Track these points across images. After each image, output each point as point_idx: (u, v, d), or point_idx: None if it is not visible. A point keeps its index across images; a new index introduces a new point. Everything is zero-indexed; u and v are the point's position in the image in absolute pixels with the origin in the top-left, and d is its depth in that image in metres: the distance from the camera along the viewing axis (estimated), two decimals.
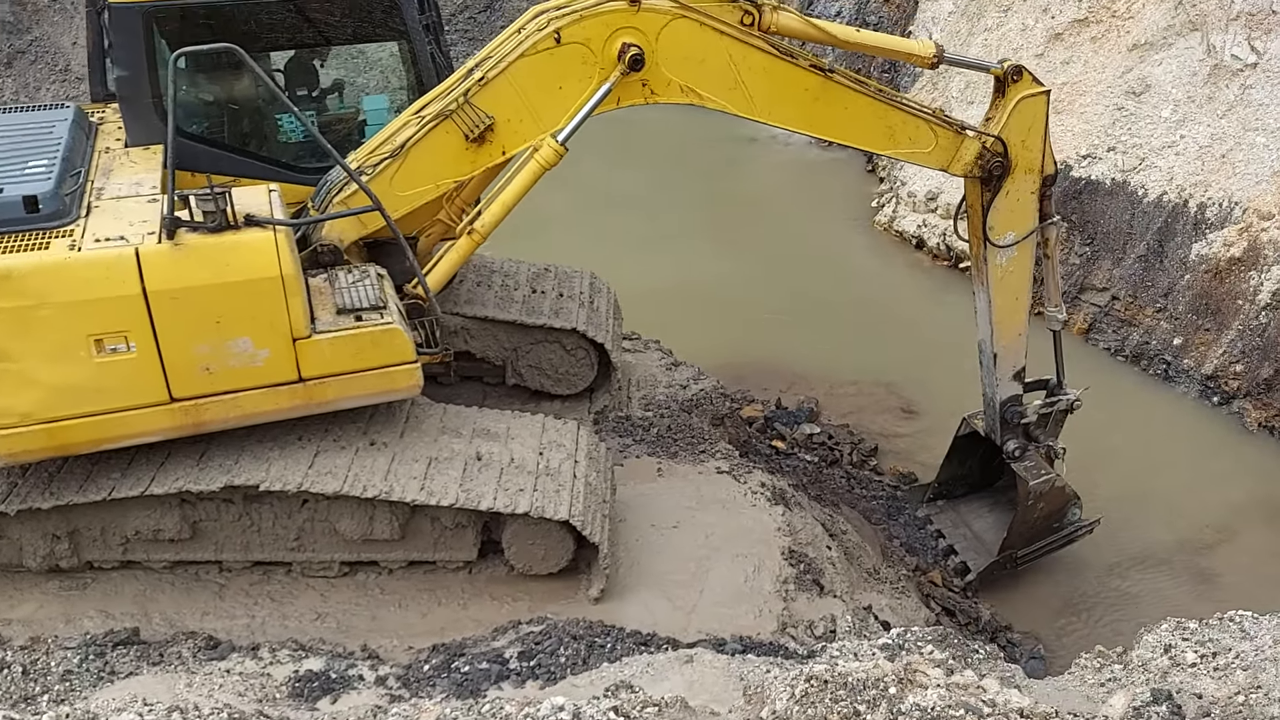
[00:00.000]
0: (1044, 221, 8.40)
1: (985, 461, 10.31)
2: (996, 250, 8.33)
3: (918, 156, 7.91)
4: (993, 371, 8.97)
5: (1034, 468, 9.24)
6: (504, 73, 6.88)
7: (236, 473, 6.63)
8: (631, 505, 8.35)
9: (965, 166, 7.94)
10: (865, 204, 18.82)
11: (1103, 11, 15.59)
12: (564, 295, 9.57)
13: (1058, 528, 9.77)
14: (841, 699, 2.99)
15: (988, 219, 8.20)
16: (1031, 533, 9.61)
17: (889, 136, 7.71)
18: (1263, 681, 3.85)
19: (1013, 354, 8.93)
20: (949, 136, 7.84)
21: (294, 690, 6.09)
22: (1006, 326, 8.76)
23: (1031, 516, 9.38)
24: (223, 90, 7.88)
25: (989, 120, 8.02)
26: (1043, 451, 9.38)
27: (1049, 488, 9.20)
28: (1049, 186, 8.28)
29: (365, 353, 6.62)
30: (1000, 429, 9.22)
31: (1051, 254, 8.72)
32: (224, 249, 6.14)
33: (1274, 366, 12.05)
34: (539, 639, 6.65)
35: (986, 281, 8.52)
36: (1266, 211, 12.50)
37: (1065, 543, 9.94)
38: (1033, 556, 9.89)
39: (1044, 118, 7.97)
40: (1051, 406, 9.30)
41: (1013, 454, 9.27)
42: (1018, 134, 7.90)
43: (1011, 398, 9.09)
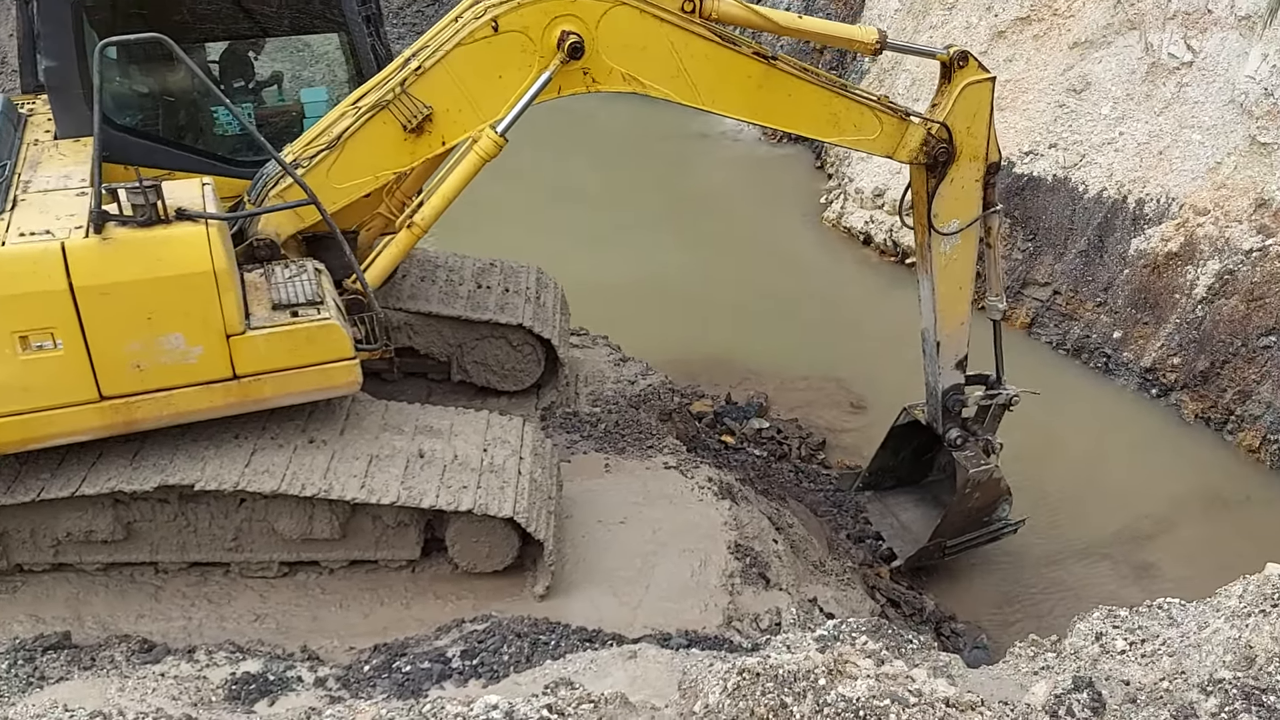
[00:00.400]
0: (987, 210, 8.46)
1: (917, 456, 10.43)
2: (941, 238, 8.38)
3: (863, 143, 7.91)
4: (935, 360, 9.04)
5: (974, 457, 9.33)
6: (441, 62, 6.78)
7: (171, 472, 6.50)
8: (578, 501, 8.32)
9: (910, 153, 7.96)
10: (814, 200, 18.95)
11: (1044, 10, 15.82)
12: (510, 290, 9.49)
13: (987, 522, 9.86)
14: (770, 691, 2.99)
15: (932, 206, 8.24)
16: (963, 522, 9.69)
17: (833, 123, 7.69)
18: (1186, 667, 3.93)
19: (955, 343, 9.01)
20: (894, 123, 7.85)
21: (230, 693, 5.98)
22: (950, 315, 8.83)
23: (966, 505, 9.47)
24: (155, 82, 7.72)
25: (934, 107, 8.03)
26: (980, 445, 9.47)
27: (987, 478, 9.30)
28: (993, 175, 8.34)
29: (302, 349, 6.52)
30: (942, 417, 9.30)
31: (993, 243, 8.80)
32: (154, 244, 6.00)
33: (1210, 359, 12.32)
34: (482, 637, 6.59)
35: (931, 269, 8.58)
36: (1202, 207, 12.77)
37: (990, 539, 10.02)
38: (959, 548, 9.98)
39: (989, 104, 8.00)
40: (990, 400, 9.39)
41: (954, 442, 9.35)
42: (963, 120, 7.92)
43: (954, 386, 9.17)
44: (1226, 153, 12.78)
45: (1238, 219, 12.36)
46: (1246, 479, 11.52)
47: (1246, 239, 12.16)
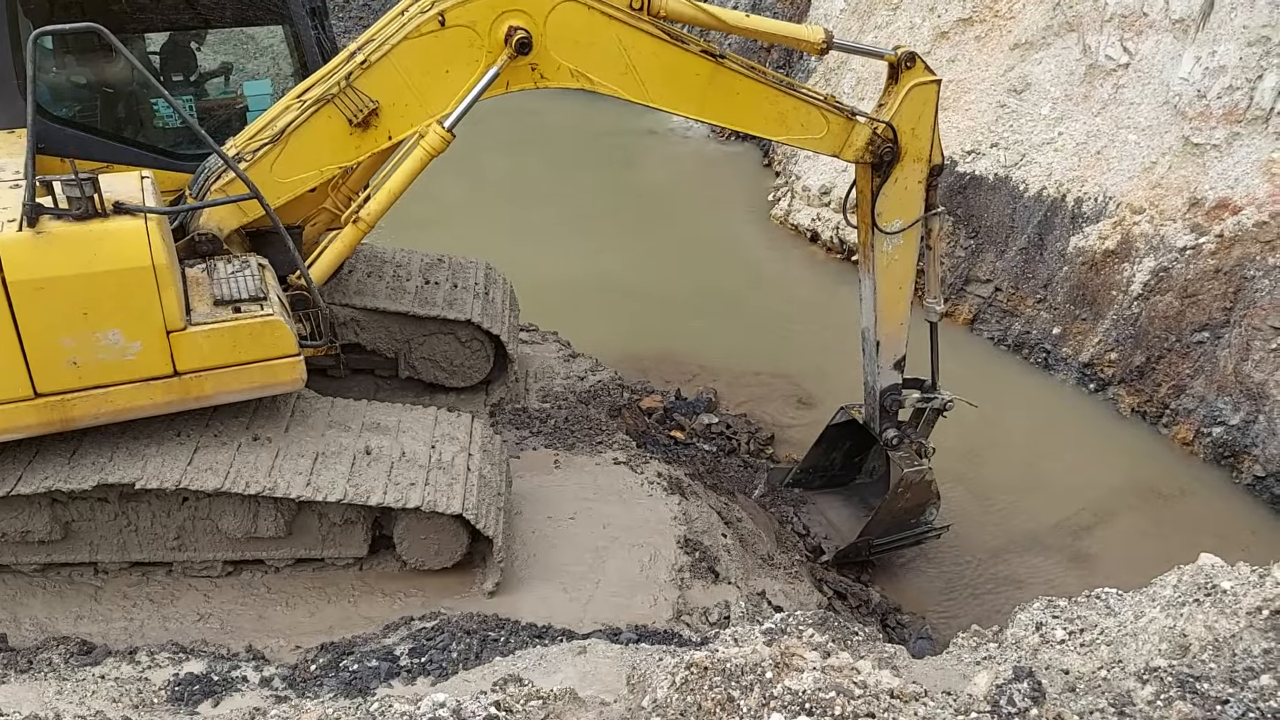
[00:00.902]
0: (929, 212, 8.58)
1: (848, 458, 10.56)
2: (883, 237, 8.48)
3: (809, 142, 7.97)
4: (874, 359, 9.14)
5: (908, 458, 9.43)
6: (387, 56, 6.72)
7: (110, 470, 6.36)
8: (528, 497, 8.31)
9: (856, 152, 8.05)
10: (762, 197, 19.10)
11: (986, 11, 16.09)
12: (458, 286, 9.44)
13: (914, 524, 9.94)
14: (717, 685, 3.02)
15: (876, 205, 8.33)
16: (892, 522, 9.76)
17: (781, 122, 7.75)
18: (1123, 656, 4.03)
19: (894, 343, 9.11)
20: (840, 122, 7.93)
21: (174, 694, 5.88)
22: (890, 315, 8.94)
23: (896, 505, 9.55)
24: (93, 72, 7.55)
25: (881, 107, 8.13)
26: (915, 447, 9.57)
27: (919, 479, 9.39)
28: (935, 177, 8.45)
29: (244, 345, 6.41)
30: (879, 417, 9.41)
31: (934, 245, 8.92)
32: (91, 238, 5.86)
33: (1146, 354, 12.63)
34: (431, 635, 6.56)
35: (873, 268, 8.68)
36: (1138, 206, 13.08)
37: (915, 542, 10.13)
38: (885, 548, 10.07)
39: (935, 106, 8.11)
40: (925, 404, 9.49)
41: (890, 442, 9.46)
42: (908, 121, 8.03)
43: (891, 386, 9.27)
44: (1161, 153, 13.10)
45: (1172, 218, 12.68)
46: (1180, 471, 11.84)
47: (1180, 237, 12.48)
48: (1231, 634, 3.81)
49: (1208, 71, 12.58)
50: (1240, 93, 12.24)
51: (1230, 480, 11.56)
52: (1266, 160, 11.93)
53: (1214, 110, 12.52)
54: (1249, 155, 12.14)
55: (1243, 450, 11.50)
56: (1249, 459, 11.41)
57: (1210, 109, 12.55)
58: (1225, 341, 11.94)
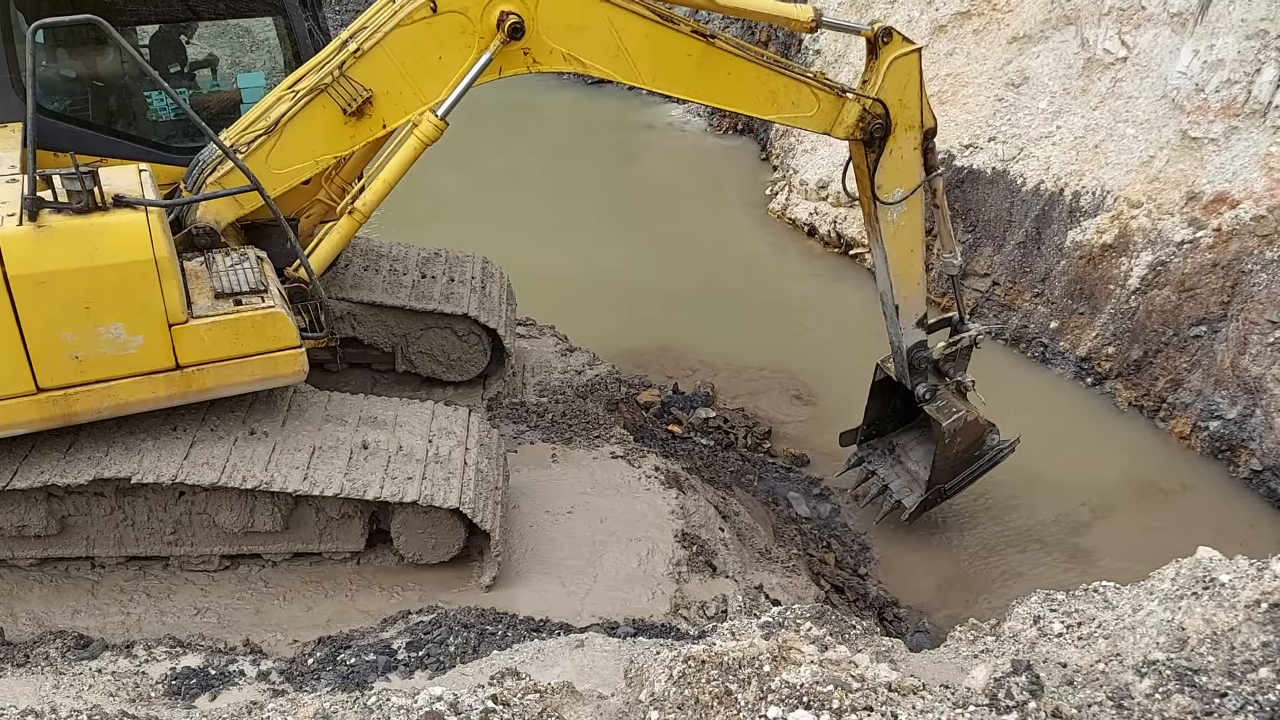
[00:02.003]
0: (929, 174, 8.59)
1: (907, 398, 10.50)
2: (887, 207, 8.50)
3: (801, 120, 7.98)
4: (896, 322, 9.18)
5: (945, 407, 9.47)
6: (380, 44, 6.68)
7: (106, 465, 6.36)
8: (526, 492, 8.31)
9: (847, 129, 8.05)
10: (759, 191, 19.08)
11: (984, 4, 16.05)
12: (455, 280, 9.43)
13: (979, 455, 10.08)
14: (715, 678, 3.02)
15: (875, 179, 8.35)
16: (955, 465, 9.90)
17: (772, 101, 7.74)
18: (1121, 649, 4.03)
19: (913, 303, 9.15)
20: (830, 100, 7.93)
21: (170, 688, 5.88)
22: (905, 278, 8.97)
23: (951, 452, 9.66)
24: (87, 66, 7.52)
25: (865, 83, 8.14)
26: (953, 387, 9.61)
27: (963, 424, 9.48)
28: (930, 139, 8.45)
29: (245, 338, 6.40)
30: (910, 374, 9.45)
31: (940, 203, 8.93)
32: (91, 231, 5.85)
33: (1143, 348, 12.63)
34: (428, 629, 6.56)
35: (881, 239, 8.69)
36: (1136, 200, 13.07)
37: (990, 465, 10.27)
38: (963, 485, 10.23)
39: (918, 74, 8.12)
40: (957, 343, 9.57)
41: (924, 397, 9.50)
42: (895, 93, 8.03)
43: (917, 344, 9.32)
44: (1159, 146, 13.09)
45: (1170, 211, 12.67)
46: (1177, 465, 11.84)
47: (1178, 231, 12.47)
48: (1230, 627, 3.82)
49: (1206, 65, 12.56)
50: (1238, 86, 12.23)
51: (1227, 474, 11.57)
52: (1264, 154, 11.92)
53: (1212, 104, 12.50)
54: (1247, 149, 12.12)
55: (1240, 444, 11.51)
56: (1246, 453, 11.42)
57: (1208, 103, 12.54)
58: (1223, 335, 11.94)
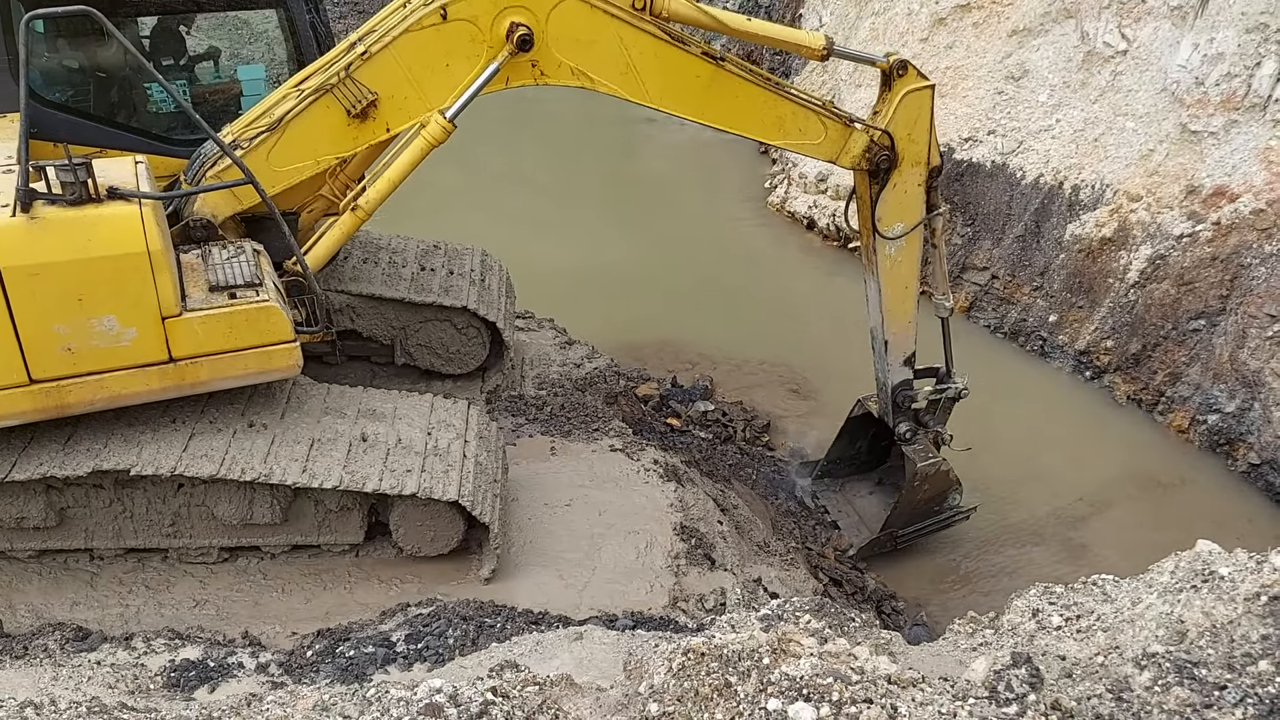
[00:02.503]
0: (930, 213, 8.57)
1: (873, 444, 10.59)
2: (885, 241, 8.49)
3: (807, 148, 7.94)
4: (884, 357, 9.18)
5: (922, 450, 9.53)
6: (388, 48, 6.68)
7: (105, 457, 6.35)
8: (524, 484, 8.32)
9: (853, 159, 8.02)
10: (758, 185, 19.05)
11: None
12: (454, 273, 9.41)
13: (937, 511, 10.07)
14: (714, 671, 3.02)
15: (876, 211, 8.33)
16: (913, 513, 9.89)
17: (779, 127, 7.72)
18: (1120, 642, 4.03)
19: (903, 340, 9.15)
20: (838, 129, 7.89)
21: (169, 680, 5.88)
22: (897, 314, 8.97)
23: (915, 498, 9.66)
24: (86, 57, 7.50)
25: (876, 114, 8.10)
26: (930, 437, 9.65)
27: (934, 471, 9.49)
28: (935, 178, 8.43)
29: (240, 331, 6.39)
30: (892, 412, 9.47)
31: (938, 243, 8.92)
32: (85, 223, 5.83)
33: (1142, 342, 12.62)
34: (427, 621, 6.56)
35: (876, 271, 8.69)
36: (1135, 193, 13.05)
37: (942, 526, 10.25)
38: (911, 537, 10.18)
39: (929, 111, 8.08)
40: (940, 394, 9.57)
41: (904, 436, 9.54)
42: (904, 127, 7.99)
43: (903, 382, 9.34)
44: (1159, 140, 13.07)
45: (1169, 205, 12.66)
46: (1176, 459, 11.84)
47: (1177, 225, 12.46)
48: (1229, 620, 3.82)
49: (1206, 58, 12.53)
50: (1238, 80, 12.21)
51: (1226, 468, 11.57)
52: (1264, 148, 11.91)
53: (1212, 97, 12.49)
54: (1246, 143, 12.11)
55: (1238, 438, 11.51)
56: (1244, 446, 11.42)
57: (1208, 96, 12.52)
58: (1221, 329, 11.93)
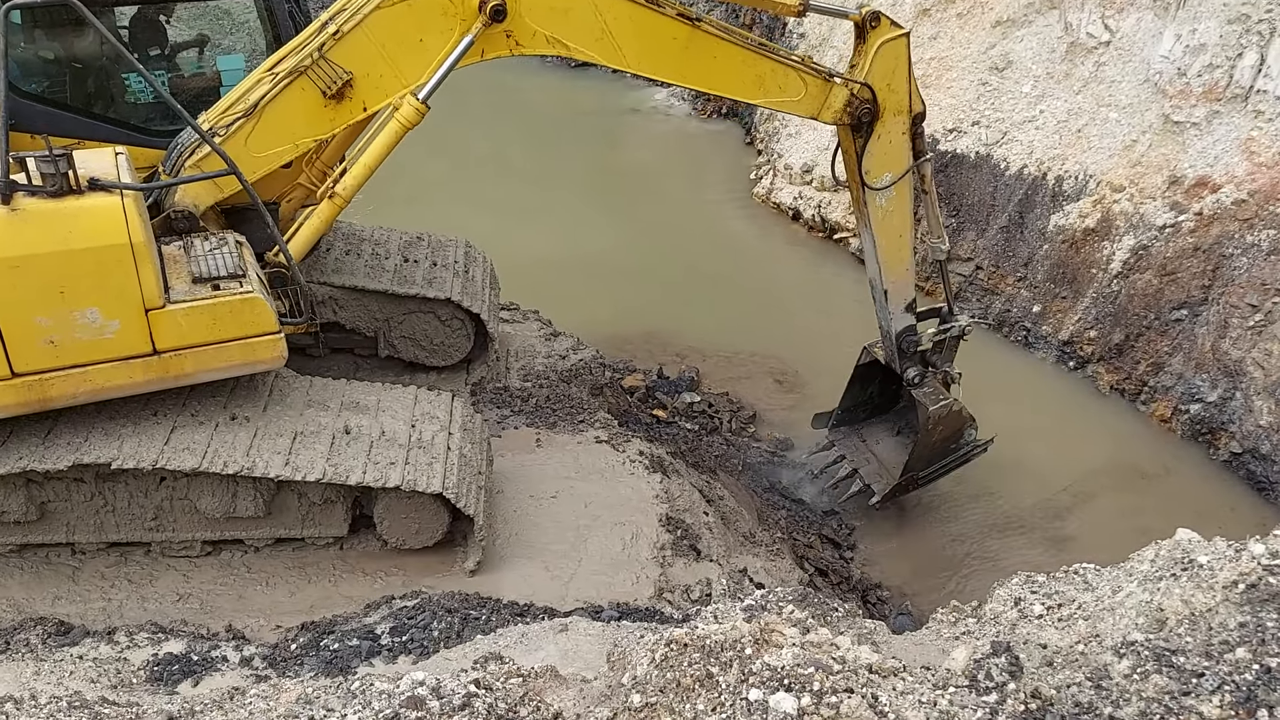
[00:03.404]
0: (918, 159, 8.55)
1: (884, 386, 10.58)
2: (876, 192, 8.47)
3: (788, 105, 7.91)
4: (885, 306, 9.19)
5: (933, 393, 9.54)
6: (360, 26, 6.61)
7: (86, 450, 6.31)
8: (510, 476, 8.30)
9: (835, 114, 8.00)
10: (744, 175, 19.04)
11: None
12: (438, 264, 9.38)
13: (955, 449, 10.15)
14: (696, 661, 3.03)
15: (863, 163, 8.30)
16: (931, 454, 9.94)
17: (759, 85, 7.67)
18: (1100, 630, 4.06)
19: (902, 288, 9.16)
20: (818, 84, 7.86)
21: (152, 674, 5.86)
22: (893, 263, 8.96)
23: (931, 440, 9.70)
24: (64, 47, 7.43)
25: (853, 67, 8.07)
26: (939, 377, 9.68)
27: (947, 412, 9.52)
28: (919, 124, 8.41)
29: (224, 323, 6.36)
30: (899, 359, 9.48)
31: (928, 188, 8.89)
32: (67, 215, 5.79)
33: (1125, 332, 12.69)
34: (412, 614, 6.55)
35: (869, 223, 8.67)
36: (1118, 184, 13.10)
37: (962, 462, 10.33)
38: (933, 476, 10.28)
39: (906, 59, 8.06)
40: (945, 333, 9.60)
41: (913, 381, 9.55)
42: (882, 78, 7.98)
43: (906, 329, 9.34)
44: (1141, 131, 13.12)
45: (1152, 196, 12.71)
46: (1158, 448, 11.92)
47: (1160, 215, 12.52)
48: (1208, 608, 3.85)
49: (1188, 49, 12.58)
50: (1220, 71, 12.26)
51: (1207, 457, 11.66)
52: (1245, 138, 11.97)
53: (1194, 88, 12.53)
54: (1228, 133, 12.17)
55: (1220, 427, 11.59)
56: (1226, 435, 11.50)
57: (1190, 87, 12.57)
58: (1203, 319, 12.01)
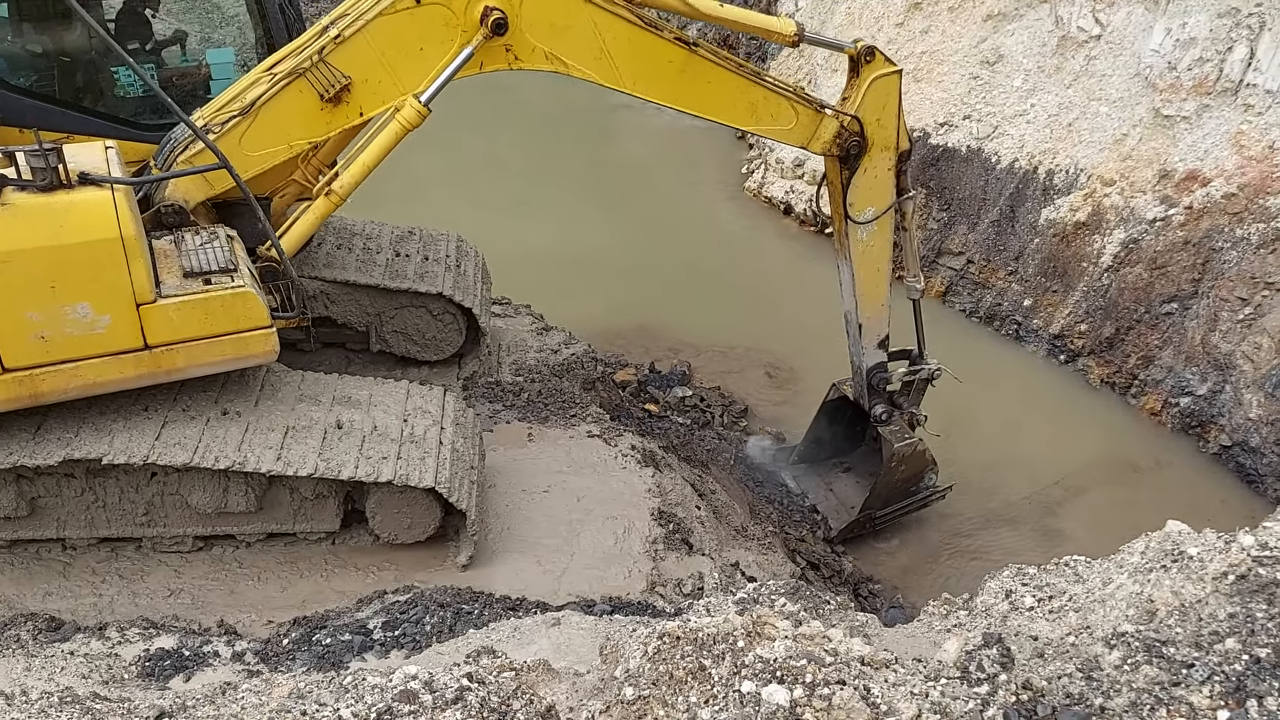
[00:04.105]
0: (901, 196, 8.64)
1: (849, 428, 10.67)
2: (857, 225, 8.56)
3: (779, 133, 8.00)
4: (858, 341, 9.26)
5: (899, 431, 9.63)
6: (361, 31, 6.62)
7: (76, 445, 6.28)
8: (502, 471, 8.30)
9: (824, 145, 8.09)
10: (735, 170, 19.04)
11: None
12: (429, 259, 9.37)
13: (914, 491, 10.20)
14: (689, 654, 3.03)
15: (847, 196, 8.40)
16: (891, 494, 10.00)
17: (751, 113, 7.77)
18: (1091, 622, 4.08)
19: (877, 324, 9.23)
20: (809, 114, 7.96)
21: (144, 670, 5.84)
22: (870, 298, 9.04)
23: (893, 478, 9.77)
24: (52, 41, 7.38)
25: (845, 100, 8.17)
26: (905, 418, 9.73)
27: (911, 451, 9.60)
28: (904, 162, 8.51)
29: (215, 317, 6.33)
30: (868, 395, 9.55)
31: (909, 226, 8.99)
32: (57, 209, 5.75)
33: (1115, 325, 12.74)
34: (404, 608, 6.55)
35: (849, 256, 8.77)
36: (1109, 178, 13.15)
37: (919, 506, 10.39)
38: (889, 517, 10.31)
39: (897, 96, 8.16)
40: (914, 375, 9.66)
41: (879, 418, 9.64)
42: (873, 112, 8.06)
43: (877, 365, 9.42)
44: (1132, 125, 13.16)
45: (1142, 189, 12.76)
46: (1149, 442, 11.98)
47: (1150, 209, 12.56)
48: (1198, 599, 3.86)
49: (1178, 43, 12.62)
50: (1210, 65, 12.30)
51: (1197, 450, 11.72)
52: (1235, 132, 12.02)
53: (1184, 82, 12.58)
54: (1218, 127, 12.22)
55: (1209, 420, 11.65)
56: (1215, 428, 11.56)
57: (1180, 81, 12.61)
58: (1193, 312, 12.06)
